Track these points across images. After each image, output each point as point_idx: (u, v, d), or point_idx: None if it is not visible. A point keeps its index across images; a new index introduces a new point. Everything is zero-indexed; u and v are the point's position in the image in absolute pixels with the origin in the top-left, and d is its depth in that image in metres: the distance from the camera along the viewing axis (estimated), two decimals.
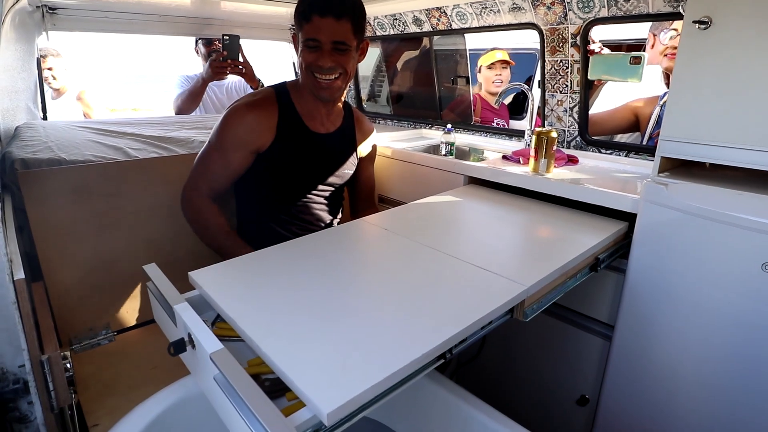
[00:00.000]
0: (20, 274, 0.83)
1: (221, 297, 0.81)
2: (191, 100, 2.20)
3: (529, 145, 1.75)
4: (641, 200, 1.07)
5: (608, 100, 1.84)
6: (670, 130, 1.03)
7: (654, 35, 1.69)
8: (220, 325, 0.87)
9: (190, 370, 0.84)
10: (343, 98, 1.42)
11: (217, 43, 2.29)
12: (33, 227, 1.27)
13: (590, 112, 1.64)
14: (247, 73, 2.11)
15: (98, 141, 1.52)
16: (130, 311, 1.47)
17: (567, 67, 1.62)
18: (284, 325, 0.73)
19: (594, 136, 1.67)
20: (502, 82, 2.45)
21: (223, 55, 2.02)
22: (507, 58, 2.40)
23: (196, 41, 2.35)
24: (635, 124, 1.71)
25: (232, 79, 2.41)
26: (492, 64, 2.43)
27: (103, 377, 1.21)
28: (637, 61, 1.42)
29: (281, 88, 1.36)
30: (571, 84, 1.64)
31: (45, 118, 2.09)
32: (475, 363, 1.55)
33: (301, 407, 0.61)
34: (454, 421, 1.00)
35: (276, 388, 0.72)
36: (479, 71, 2.48)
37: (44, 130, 1.56)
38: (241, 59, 2.07)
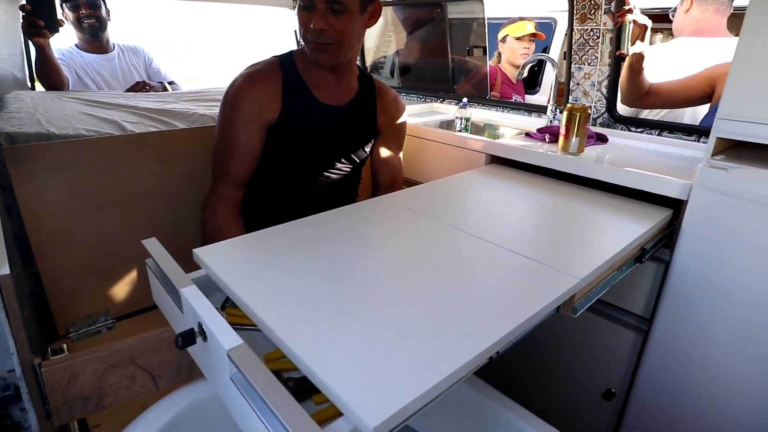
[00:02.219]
0: (5, 270, 0.73)
1: (232, 278, 0.71)
2: (42, 73, 1.81)
3: (552, 121, 1.64)
4: (694, 185, 0.97)
5: (663, 66, 1.60)
6: (731, 107, 0.92)
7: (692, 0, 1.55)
8: (230, 310, 0.76)
9: (199, 366, 0.74)
10: (354, 66, 1.29)
11: (84, 6, 1.93)
12: (22, 208, 1.16)
13: (652, 80, 1.48)
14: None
15: (90, 113, 1.40)
16: (129, 297, 1.38)
17: (598, 37, 1.50)
18: (307, 314, 0.64)
19: (656, 108, 1.55)
20: (527, 57, 2.31)
21: (26, 9, 1.54)
22: (536, 30, 2.27)
23: (61, 4, 1.94)
24: (709, 95, 1.47)
25: (123, 50, 2.14)
26: (521, 36, 2.29)
27: None
28: None
29: (286, 56, 1.24)
30: (601, 56, 1.52)
31: (33, 87, 1.94)
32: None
33: (333, 413, 0.52)
34: (473, 415, 0.93)
35: (301, 390, 0.63)
36: (503, 41, 2.34)
37: (32, 101, 1.43)
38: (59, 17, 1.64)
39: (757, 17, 0.86)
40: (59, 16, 1.73)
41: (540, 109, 1.82)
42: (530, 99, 2.72)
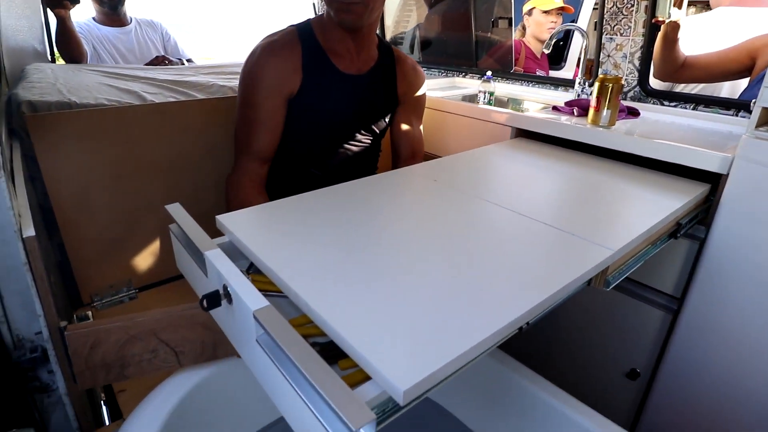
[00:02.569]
0: (30, 231, 0.73)
1: (256, 244, 0.70)
2: (62, 42, 1.83)
3: (580, 95, 1.58)
4: (736, 157, 0.93)
5: (699, 39, 1.53)
6: None
7: None
8: (254, 277, 0.75)
9: (222, 329, 0.73)
10: (374, 32, 1.26)
11: None
12: (45, 177, 1.17)
13: (688, 53, 1.40)
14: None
15: (111, 84, 1.39)
16: (153, 267, 1.39)
17: (632, 5, 1.43)
18: (333, 279, 0.62)
19: (692, 82, 1.48)
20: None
21: None
22: (564, 3, 2.18)
23: None
24: (749, 68, 1.40)
25: (140, 24, 2.13)
26: (549, 10, 2.20)
27: None
28: None
29: (303, 26, 1.21)
30: (635, 25, 1.45)
31: (53, 60, 1.94)
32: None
33: (360, 379, 0.51)
34: (503, 394, 0.91)
35: (327, 355, 0.62)
36: (529, 14, 2.26)
37: (52, 72, 1.43)
38: None
39: None
40: None
41: (567, 83, 1.76)
42: (555, 74, 2.64)
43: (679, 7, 1.27)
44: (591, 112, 1.25)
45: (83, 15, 2.08)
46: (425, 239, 0.75)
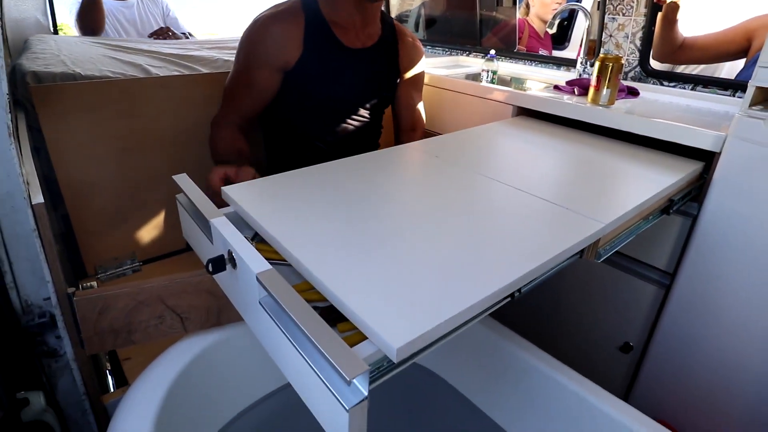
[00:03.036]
0: (38, 198, 0.75)
1: (261, 214, 0.72)
2: (88, 12, 1.86)
3: (582, 75, 1.58)
4: (729, 136, 0.94)
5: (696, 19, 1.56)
6: None
7: None
8: (258, 246, 0.78)
9: (226, 294, 0.76)
10: (381, 6, 1.26)
11: None
12: (50, 147, 1.18)
13: (687, 34, 1.41)
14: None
15: (114, 57, 1.40)
16: (156, 240, 1.42)
17: None
18: (335, 248, 0.65)
19: (690, 63, 1.49)
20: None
21: None
22: None
23: None
24: (746, 50, 1.41)
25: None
26: None
27: None
28: None
29: None
30: (637, 5, 1.45)
31: (56, 32, 1.94)
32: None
33: (358, 340, 0.53)
34: (497, 362, 0.95)
35: (327, 318, 0.65)
36: None
37: (56, 44, 1.44)
38: None
39: None
40: None
41: (569, 63, 1.76)
42: (558, 54, 2.62)
43: None
44: (591, 91, 1.26)
45: None
46: (424, 211, 0.77)
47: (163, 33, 2.00)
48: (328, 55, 1.19)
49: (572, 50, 2.64)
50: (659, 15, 1.37)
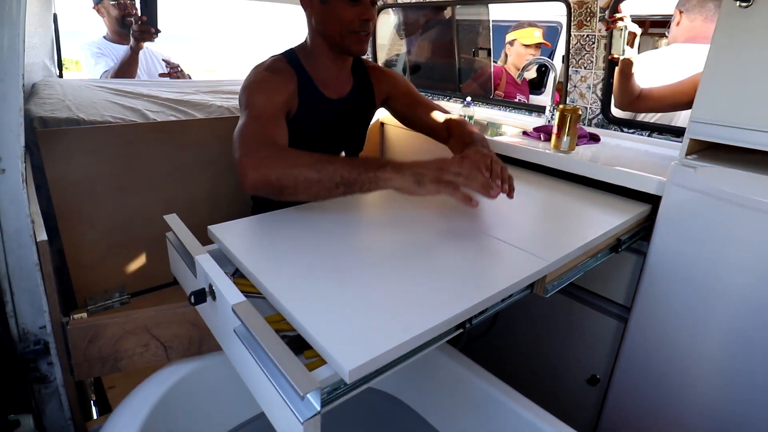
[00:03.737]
0: (42, 236, 0.84)
1: (241, 251, 0.81)
2: (125, 72, 2.05)
3: (550, 121, 1.71)
4: (667, 182, 1.05)
5: (652, 71, 1.68)
6: (702, 111, 0.99)
7: (680, 12, 1.61)
8: (237, 280, 0.86)
9: (207, 324, 0.84)
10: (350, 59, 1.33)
11: (131, 6, 2.14)
12: (51, 186, 1.27)
13: (643, 85, 1.53)
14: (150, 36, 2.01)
15: (116, 102, 1.51)
16: (145, 274, 1.49)
17: (593, 42, 1.57)
18: (305, 282, 0.73)
19: (648, 112, 1.61)
20: None
21: (143, 20, 1.91)
22: (544, 40, 2.34)
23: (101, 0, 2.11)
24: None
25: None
26: (529, 44, 2.36)
27: None
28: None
29: (290, 55, 1.26)
30: (596, 60, 1.59)
31: (61, 75, 2.07)
32: (486, 339, 1.56)
33: (320, 365, 0.61)
34: (462, 393, 1.01)
35: (294, 346, 0.72)
36: (511, 44, 2.41)
37: (61, 88, 1.55)
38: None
39: (724, 30, 0.93)
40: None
41: (540, 109, 1.89)
42: (537, 99, 2.79)
43: (632, 46, 1.41)
44: (553, 138, 1.37)
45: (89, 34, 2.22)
46: (387, 248, 0.86)
47: (173, 73, 2.15)
48: (316, 109, 1.26)
49: (548, 94, 2.81)
50: (616, 69, 1.51)
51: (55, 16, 1.95)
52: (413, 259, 0.82)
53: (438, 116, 1.37)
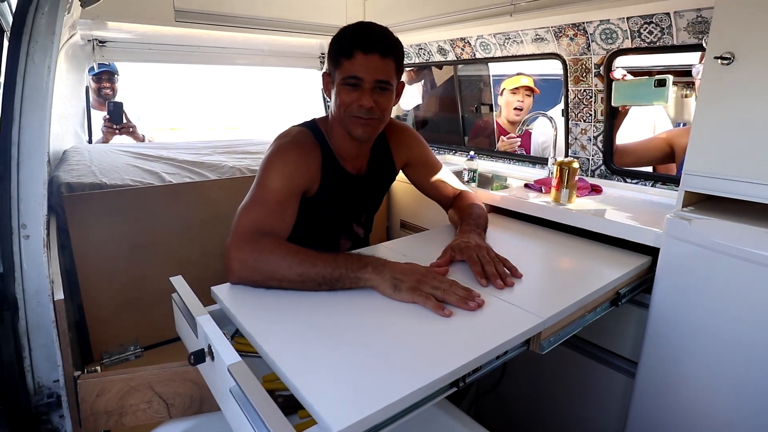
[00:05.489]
0: (60, 295, 0.89)
1: (241, 312, 0.84)
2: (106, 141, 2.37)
3: (551, 174, 1.74)
4: (664, 235, 1.06)
5: (634, 129, 1.78)
6: (694, 164, 1.02)
7: None
8: (238, 339, 0.90)
9: (206, 382, 0.87)
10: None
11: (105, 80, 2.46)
12: (74, 247, 1.35)
13: (618, 141, 1.60)
14: (132, 132, 2.40)
15: (136, 165, 1.61)
16: (158, 328, 1.53)
17: (590, 97, 1.62)
18: (300, 344, 0.75)
19: (625, 167, 1.65)
20: (522, 110, 2.38)
21: (107, 119, 2.31)
22: (532, 85, 2.38)
23: (89, 71, 2.34)
24: (670, 155, 1.61)
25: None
26: (516, 88, 2.38)
27: None
28: (662, 83, 1.40)
29: (314, 128, 1.22)
30: (595, 113, 1.64)
31: (90, 141, 2.22)
32: (495, 395, 1.53)
33: (313, 425, 0.62)
34: None
35: (289, 405, 0.74)
36: (501, 94, 2.45)
37: (89, 154, 1.67)
38: (124, 121, 2.36)
39: (709, 85, 0.97)
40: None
41: (542, 161, 1.93)
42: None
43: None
44: (553, 191, 1.40)
45: None
46: (381, 310, 0.88)
47: (123, 130, 2.38)
48: (337, 184, 1.23)
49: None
50: None
51: (87, 89, 2.12)
52: (406, 318, 0.84)
53: (447, 188, 1.42)
